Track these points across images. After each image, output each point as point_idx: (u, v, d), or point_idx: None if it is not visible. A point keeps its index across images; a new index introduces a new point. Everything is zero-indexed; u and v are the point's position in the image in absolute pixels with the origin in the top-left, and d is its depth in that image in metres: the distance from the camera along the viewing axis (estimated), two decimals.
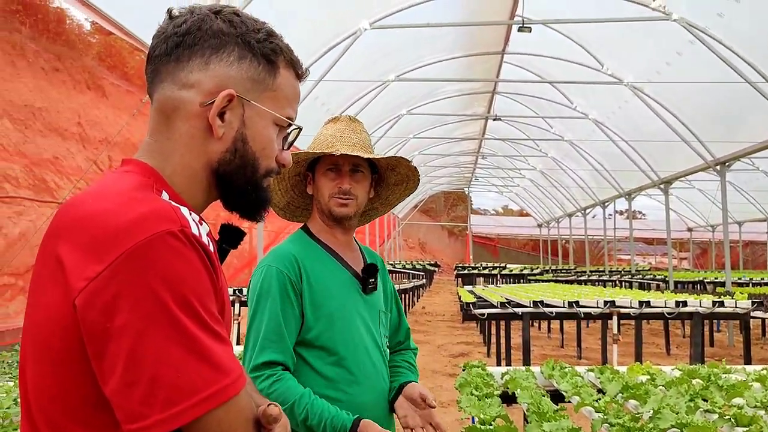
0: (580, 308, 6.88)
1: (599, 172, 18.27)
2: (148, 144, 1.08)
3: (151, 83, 1.10)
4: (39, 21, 17.49)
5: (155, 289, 0.87)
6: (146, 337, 0.86)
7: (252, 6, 7.18)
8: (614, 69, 11.79)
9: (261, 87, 1.08)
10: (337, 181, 1.96)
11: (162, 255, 0.89)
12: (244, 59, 1.07)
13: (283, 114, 1.12)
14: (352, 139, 1.98)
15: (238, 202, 1.12)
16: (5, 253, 10.00)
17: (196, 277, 0.92)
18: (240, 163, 1.08)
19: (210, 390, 0.88)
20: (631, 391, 2.81)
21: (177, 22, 1.06)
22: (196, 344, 0.88)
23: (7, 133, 13.55)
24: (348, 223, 2.02)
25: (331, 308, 1.90)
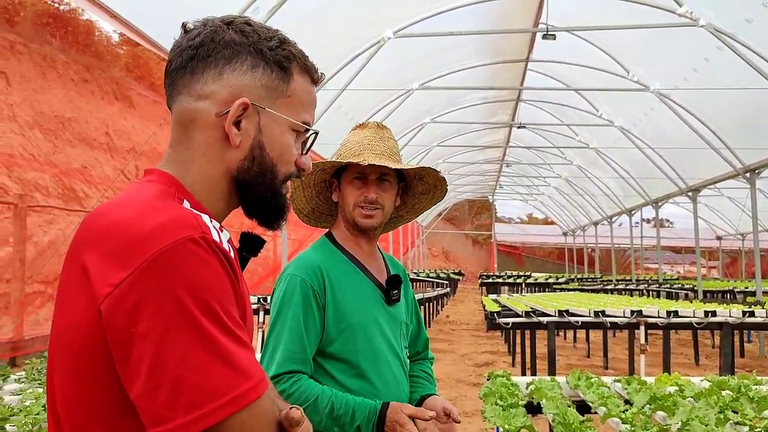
0: (606, 318, 6.80)
1: (625, 180, 18.07)
2: (169, 155, 1.10)
3: (169, 96, 1.12)
4: (69, 33, 17.85)
5: (178, 294, 0.88)
6: (169, 341, 0.87)
7: (276, 16, 7.25)
8: (640, 76, 11.67)
9: (275, 94, 1.09)
10: (363, 190, 1.93)
11: (184, 261, 0.90)
12: (257, 67, 1.08)
13: (299, 119, 1.12)
14: (380, 146, 1.95)
15: (257, 209, 1.13)
16: (35, 261, 10.17)
17: (217, 282, 0.93)
18: (259, 171, 1.09)
19: (233, 393, 0.88)
20: (659, 402, 2.76)
21: (191, 35, 1.08)
22: (218, 348, 0.89)
23: (38, 144, 13.81)
24: (372, 233, 2.00)
25: (354, 320, 1.87)
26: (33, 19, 16.48)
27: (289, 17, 7.57)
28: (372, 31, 9.52)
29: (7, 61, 14.39)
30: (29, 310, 9.87)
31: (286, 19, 7.55)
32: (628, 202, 20.22)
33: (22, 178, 12.60)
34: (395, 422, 1.73)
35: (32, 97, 14.51)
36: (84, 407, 0.95)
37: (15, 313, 8.64)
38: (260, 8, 7.16)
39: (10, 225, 9.96)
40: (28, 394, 2.87)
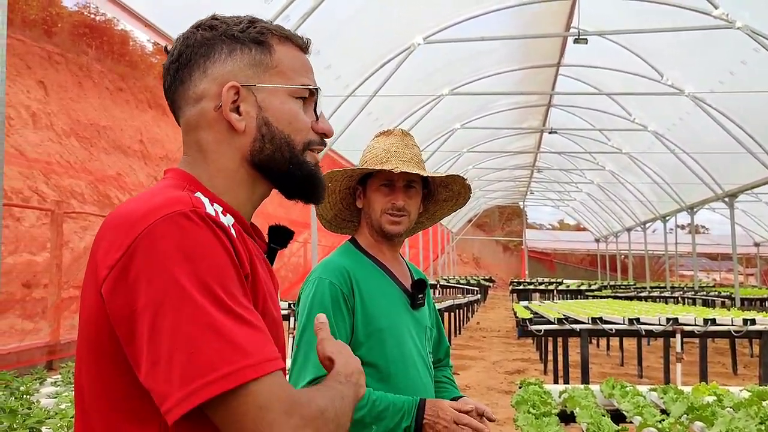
0: (641, 325, 6.68)
1: (659, 186, 17.79)
2: (184, 160, 1.12)
3: (175, 115, 1.15)
4: (104, 43, 18.22)
5: (167, 266, 0.88)
6: (161, 314, 0.86)
7: (305, 25, 7.30)
8: (674, 79, 11.49)
9: (261, 68, 1.09)
10: (391, 197, 1.93)
11: (171, 232, 0.90)
12: (235, 51, 1.08)
13: (295, 84, 1.11)
14: (406, 154, 1.96)
15: (289, 185, 1.12)
16: (71, 266, 10.37)
17: (210, 253, 0.91)
18: (273, 147, 1.08)
19: (227, 369, 0.84)
20: (696, 412, 2.69)
21: (170, 53, 1.13)
22: (210, 321, 0.86)
23: (75, 151, 14.10)
24: (397, 239, 2.01)
25: (382, 324, 1.87)
26: (70, 30, 16.87)
27: (319, 25, 7.61)
28: (402, 38, 9.53)
29: (45, 71, 14.73)
30: (65, 315, 10.05)
31: (316, 27, 7.60)
32: (663, 208, 19.89)
33: (58, 185, 12.87)
34: (437, 409, 1.77)
35: (69, 106, 14.83)
36: (107, 396, 0.95)
37: (51, 318, 8.81)
38: (291, 16, 7.23)
39: (48, 231, 10.18)
40: (63, 398, 2.92)
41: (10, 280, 9.45)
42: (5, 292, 8.48)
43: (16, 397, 2.73)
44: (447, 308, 12.56)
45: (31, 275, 10.37)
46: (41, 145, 13.06)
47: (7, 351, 7.21)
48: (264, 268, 1.08)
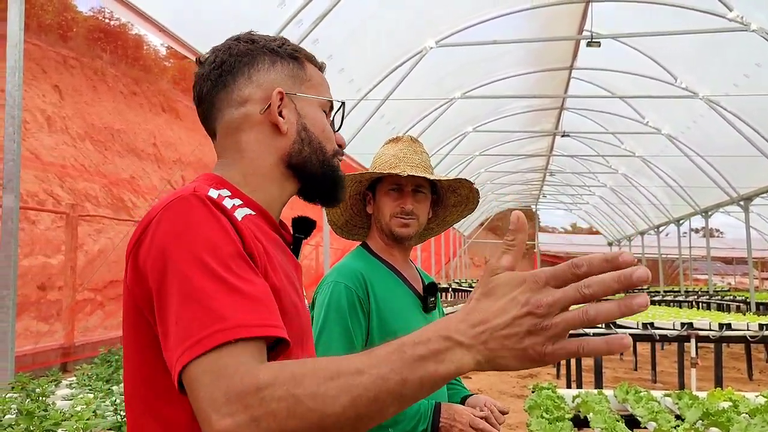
0: (655, 330, 6.64)
1: (673, 189, 17.68)
2: (219, 162, 1.20)
3: (207, 119, 1.21)
4: (119, 47, 18.37)
5: (163, 248, 0.93)
6: (163, 292, 0.91)
7: (318, 29, 7.32)
8: (688, 82, 11.42)
9: (299, 80, 1.20)
10: (400, 201, 1.96)
11: (167, 217, 0.96)
12: (276, 63, 1.19)
13: (325, 97, 1.23)
14: (415, 159, 1.99)
15: (317, 186, 1.21)
16: (85, 269, 10.45)
17: (202, 227, 0.95)
18: (310, 150, 1.18)
19: (199, 335, 0.84)
20: (712, 418, 2.67)
21: (210, 60, 1.20)
22: (194, 291, 0.88)
23: (89, 155, 14.22)
24: (407, 243, 2.03)
25: (396, 326, 1.88)
26: (85, 35, 17.02)
27: (332, 29, 7.64)
28: (414, 41, 9.54)
29: (61, 75, 14.87)
30: (79, 317, 10.12)
31: (329, 31, 7.63)
32: (676, 211, 19.76)
33: (73, 188, 12.98)
34: (453, 413, 1.80)
35: (84, 110, 14.96)
36: (151, 385, 0.99)
37: (66, 320, 8.88)
38: (303, 20, 7.25)
39: (62, 234, 10.26)
40: (79, 400, 2.94)
41: (25, 283, 9.53)
42: (20, 294, 8.56)
43: (32, 399, 2.75)
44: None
45: (46, 278, 10.46)
46: (56, 149, 13.18)
47: (22, 353, 7.27)
48: (285, 259, 1.14)
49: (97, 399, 2.82)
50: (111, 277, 11.13)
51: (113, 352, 4.08)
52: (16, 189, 3.87)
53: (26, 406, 2.22)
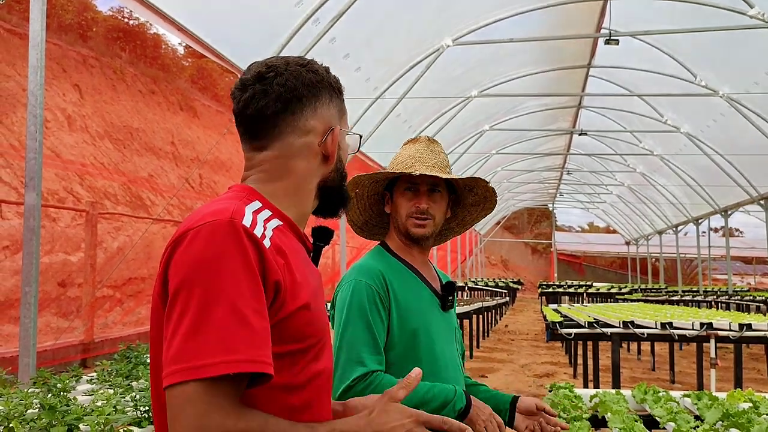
0: (674, 330, 6.57)
1: (692, 188, 17.51)
2: (260, 176, 1.27)
3: (259, 134, 1.27)
4: (137, 47, 18.52)
5: (195, 264, 1.05)
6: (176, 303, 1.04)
7: (335, 28, 7.33)
8: (708, 80, 11.31)
9: (342, 114, 1.35)
10: (415, 200, 1.97)
11: (198, 240, 1.06)
12: (333, 99, 1.31)
13: (350, 129, 1.38)
14: (431, 159, 2.00)
15: (332, 205, 1.35)
16: (104, 266, 10.55)
17: (223, 262, 1.04)
18: (338, 176, 1.33)
19: (175, 367, 0.99)
20: (732, 419, 2.65)
21: (279, 81, 1.25)
22: (185, 322, 1.01)
23: (108, 153, 14.36)
24: (425, 243, 2.04)
25: (415, 325, 1.90)
26: (104, 34, 17.18)
27: (349, 27, 7.65)
28: (431, 40, 9.53)
29: (81, 74, 15.03)
30: (99, 314, 10.23)
31: (346, 30, 7.64)
32: (695, 210, 19.58)
33: (92, 186, 13.12)
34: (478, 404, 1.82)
35: (103, 109, 15.11)
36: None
37: (86, 316, 8.97)
38: (320, 19, 7.27)
39: (82, 231, 10.37)
40: (99, 395, 2.98)
41: (46, 279, 9.65)
42: (41, 290, 8.67)
43: (53, 394, 2.79)
44: (475, 311, 12.50)
45: (66, 274, 10.58)
46: (76, 147, 13.32)
47: (43, 349, 7.37)
48: (306, 266, 1.23)
49: (117, 394, 2.86)
50: (130, 274, 11.24)
51: (132, 349, 4.12)
52: (38, 187, 3.93)
53: (49, 401, 2.25)
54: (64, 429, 2.11)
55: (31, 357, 3.75)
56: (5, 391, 2.98)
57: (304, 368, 1.15)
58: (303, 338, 1.14)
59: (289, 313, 1.11)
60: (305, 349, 1.15)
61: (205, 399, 0.98)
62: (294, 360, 1.14)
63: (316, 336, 1.18)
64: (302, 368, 1.15)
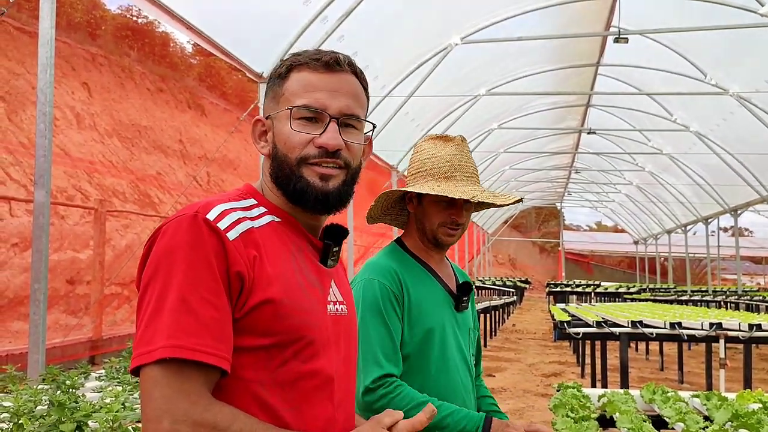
0: (683, 330, 6.54)
1: (701, 187, 17.42)
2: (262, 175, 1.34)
3: None
4: (146, 45, 18.57)
5: (157, 257, 1.10)
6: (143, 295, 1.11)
7: (344, 26, 7.33)
8: (718, 79, 11.24)
9: (276, 99, 1.27)
10: (451, 211, 1.93)
11: (170, 232, 1.11)
12: (270, 89, 1.29)
13: (293, 105, 1.23)
14: (469, 167, 1.96)
15: (292, 198, 1.24)
16: (113, 264, 10.59)
17: (185, 251, 1.08)
18: (278, 165, 1.25)
19: (135, 353, 1.05)
20: (742, 419, 2.63)
21: None
22: (147, 310, 1.06)
23: (116, 151, 14.41)
24: (446, 247, 2.03)
25: (429, 325, 1.89)
26: (113, 33, 17.24)
27: (357, 26, 7.64)
28: (439, 38, 9.51)
29: (89, 72, 15.09)
30: (107, 311, 10.27)
31: (354, 28, 7.63)
32: (705, 209, 19.48)
33: (101, 184, 13.17)
34: (504, 426, 1.77)
35: (111, 107, 15.16)
36: None
37: (94, 314, 9.02)
38: (329, 17, 7.26)
39: (91, 229, 10.41)
40: (108, 392, 2.99)
41: (54, 276, 9.70)
42: (50, 288, 8.72)
43: (62, 391, 2.80)
44: (482, 310, 12.49)
45: (75, 272, 10.64)
46: (85, 145, 13.38)
47: (52, 345, 7.41)
48: (306, 263, 1.24)
49: (125, 391, 2.86)
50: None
51: None
52: (47, 185, 3.94)
53: (58, 398, 2.26)
54: (73, 426, 2.11)
55: (40, 354, 3.77)
56: (14, 387, 3.00)
57: (283, 366, 1.13)
58: (273, 333, 1.12)
59: (255, 304, 1.10)
60: (278, 344, 1.13)
61: (170, 383, 1.01)
62: (269, 355, 1.12)
63: (293, 332, 1.14)
64: (280, 365, 1.13)
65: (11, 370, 3.18)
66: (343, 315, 1.28)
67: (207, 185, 17.38)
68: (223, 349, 1.06)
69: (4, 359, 7.06)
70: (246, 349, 1.10)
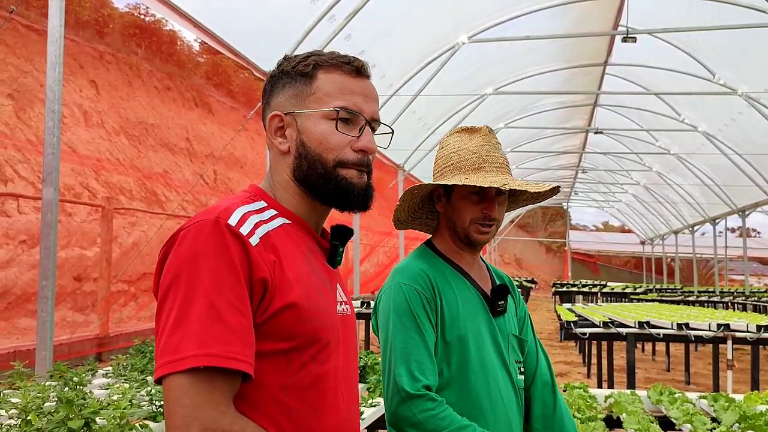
0: (690, 331, 6.52)
1: (709, 188, 17.34)
2: (266, 176, 1.33)
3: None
4: (153, 43, 18.61)
5: (179, 263, 1.08)
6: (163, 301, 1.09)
7: (351, 24, 7.33)
8: (727, 79, 11.18)
9: (302, 97, 1.26)
10: (483, 206, 1.80)
11: (191, 237, 1.10)
12: (286, 85, 1.28)
13: (329, 107, 1.24)
14: (498, 158, 1.84)
15: (331, 198, 1.27)
16: (119, 261, 10.62)
17: (207, 258, 1.07)
18: (308, 164, 1.24)
19: (160, 361, 1.04)
20: (749, 421, 2.62)
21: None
22: (169, 318, 1.05)
23: (124, 149, 14.45)
24: (479, 246, 1.89)
25: (462, 331, 1.76)
26: (121, 31, 17.29)
27: (365, 24, 7.65)
28: (447, 37, 9.50)
29: (97, 70, 15.14)
30: (114, 308, 10.31)
31: (362, 27, 7.64)
32: (712, 210, 19.40)
33: (108, 182, 13.21)
34: None
35: (119, 105, 15.21)
36: None
37: (101, 311, 9.05)
38: (336, 15, 7.27)
39: (98, 226, 10.45)
40: (115, 389, 3.00)
41: (62, 274, 9.74)
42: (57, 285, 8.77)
43: (70, 388, 2.81)
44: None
45: (82, 269, 10.68)
46: (92, 143, 13.42)
47: (59, 342, 7.44)
48: (318, 265, 1.25)
49: (132, 389, 2.87)
50: (144, 269, 11.30)
51: (147, 343, 4.15)
52: (56, 182, 3.95)
53: (66, 395, 2.27)
54: (81, 422, 2.12)
55: (48, 350, 3.79)
56: (22, 384, 3.01)
57: (302, 368, 1.14)
58: (294, 336, 1.13)
59: (278, 309, 1.11)
60: (298, 347, 1.13)
61: (199, 392, 1.01)
62: (290, 359, 1.13)
63: (312, 335, 1.15)
64: (300, 368, 1.14)
65: (19, 367, 3.19)
66: (348, 315, 1.31)
67: (213, 183, 17.41)
68: (251, 355, 1.07)
69: (11, 356, 7.10)
70: (267, 354, 1.11)
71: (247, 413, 1.08)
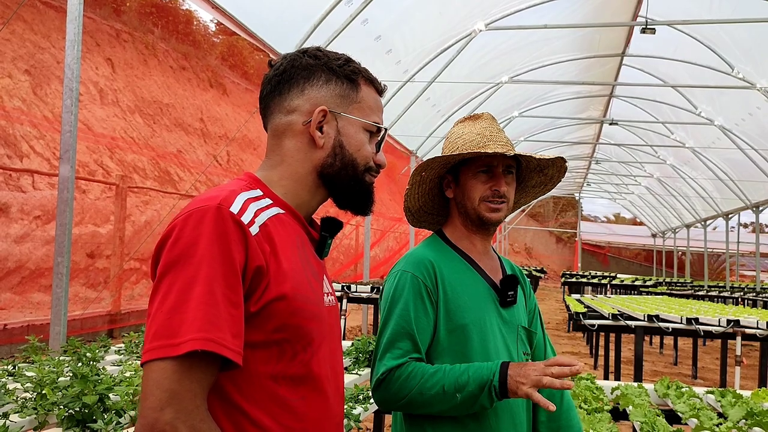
0: (699, 326, 6.51)
1: (723, 182, 17.21)
2: (263, 162, 1.33)
3: (264, 117, 1.35)
4: (169, 23, 18.60)
5: (171, 250, 1.08)
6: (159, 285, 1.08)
7: (368, 10, 7.29)
8: (746, 72, 11.06)
9: (347, 101, 1.31)
10: (491, 183, 1.80)
11: (193, 223, 1.09)
12: (330, 81, 1.30)
13: (369, 120, 1.33)
14: (502, 137, 1.85)
15: (346, 197, 1.33)
16: (132, 239, 10.71)
17: (206, 246, 1.07)
18: (341, 165, 1.30)
19: (156, 343, 1.03)
20: (756, 417, 2.63)
21: (275, 66, 1.34)
22: (166, 302, 1.04)
23: (138, 128, 14.50)
24: (492, 229, 1.88)
25: (466, 320, 1.74)
26: (137, 9, 17.28)
27: (382, 10, 7.61)
28: (463, 24, 9.44)
29: (113, 48, 15.17)
30: (126, 286, 10.40)
31: (379, 12, 7.60)
32: (726, 205, 19.26)
33: (122, 160, 13.28)
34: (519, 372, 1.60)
35: (134, 83, 15.24)
36: None
37: (114, 288, 9.14)
38: (353, 0, 7.23)
39: (111, 204, 10.53)
40: (128, 366, 3.04)
41: (75, 250, 9.83)
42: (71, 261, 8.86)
43: (83, 363, 2.86)
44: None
45: (95, 246, 10.77)
46: (107, 121, 13.48)
47: (72, 318, 7.53)
48: (308, 256, 1.27)
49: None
50: None
51: None
52: (72, 159, 3.99)
53: (81, 370, 2.30)
54: (96, 398, 2.16)
55: (62, 326, 3.84)
56: (37, 358, 3.06)
57: (293, 359, 1.16)
58: (286, 327, 1.14)
59: (271, 299, 1.12)
60: (290, 339, 1.15)
61: (181, 378, 1.01)
62: (281, 349, 1.15)
63: (303, 327, 1.17)
64: (292, 358, 1.16)
65: (34, 341, 3.24)
66: (333, 306, 1.34)
67: (227, 164, 17.46)
68: (240, 345, 1.08)
69: (25, 329, 7.20)
70: (259, 344, 1.12)
71: (240, 402, 1.11)
